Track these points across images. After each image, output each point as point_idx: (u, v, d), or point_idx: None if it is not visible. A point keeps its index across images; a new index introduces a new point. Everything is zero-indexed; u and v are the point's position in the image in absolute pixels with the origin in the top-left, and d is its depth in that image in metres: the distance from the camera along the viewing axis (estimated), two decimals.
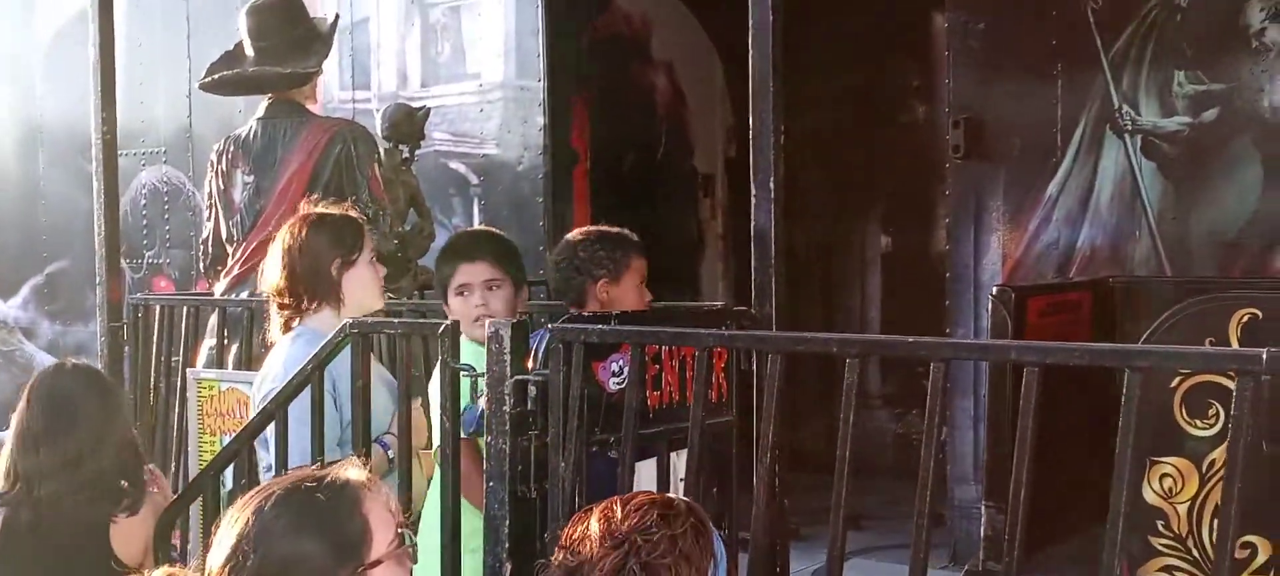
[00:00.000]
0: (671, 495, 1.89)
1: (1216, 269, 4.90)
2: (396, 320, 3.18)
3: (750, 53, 3.36)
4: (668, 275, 6.61)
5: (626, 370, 2.70)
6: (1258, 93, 4.82)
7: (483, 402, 2.91)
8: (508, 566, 2.74)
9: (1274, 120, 4.79)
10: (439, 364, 3.03)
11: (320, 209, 3.41)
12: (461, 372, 2.90)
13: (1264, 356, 1.87)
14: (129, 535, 3.13)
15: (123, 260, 7.18)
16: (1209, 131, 4.91)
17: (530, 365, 2.78)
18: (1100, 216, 5.17)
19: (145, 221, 7.71)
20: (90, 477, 3.09)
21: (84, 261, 6.59)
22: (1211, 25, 4.88)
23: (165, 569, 1.88)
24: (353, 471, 1.97)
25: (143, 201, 7.71)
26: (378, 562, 1.89)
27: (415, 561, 2.03)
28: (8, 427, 3.20)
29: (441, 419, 2.89)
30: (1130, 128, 5.08)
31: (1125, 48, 5.07)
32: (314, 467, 2.05)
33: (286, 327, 3.27)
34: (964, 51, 5.45)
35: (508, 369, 2.73)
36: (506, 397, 2.74)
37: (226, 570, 1.84)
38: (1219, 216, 4.91)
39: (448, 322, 2.91)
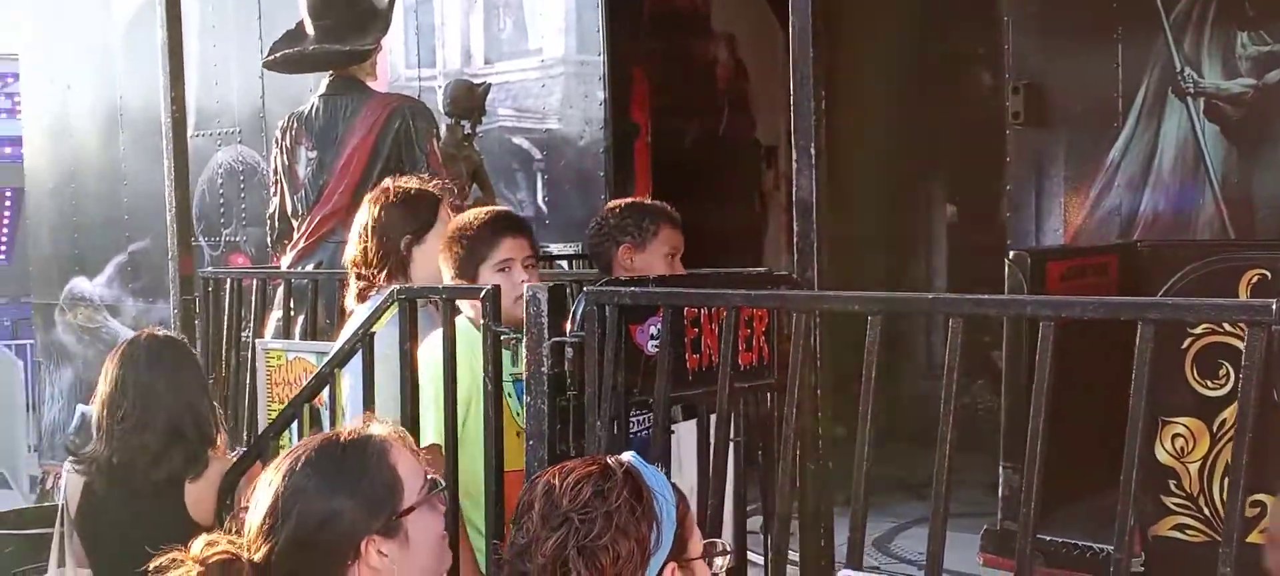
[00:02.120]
0: (611, 460, 1.92)
1: None
2: (441, 286, 3.25)
3: (790, 19, 3.37)
4: (732, 246, 6.65)
5: None
6: None
7: None
8: None
9: None
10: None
11: (400, 182, 3.51)
12: (503, 338, 2.97)
13: (1274, 306, 1.87)
14: (201, 497, 3.28)
15: (201, 238, 7.38)
16: (1273, 93, 4.82)
17: (568, 328, 2.85)
18: (1163, 181, 5.10)
19: (222, 200, 7.91)
20: (170, 449, 3.26)
21: (164, 240, 6.75)
22: None
23: (205, 536, 1.97)
24: (376, 426, 2.05)
25: (219, 181, 7.90)
26: (410, 510, 1.97)
27: (445, 506, 2.11)
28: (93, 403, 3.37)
29: (484, 381, 2.96)
30: (1192, 91, 5.00)
31: (1187, 9, 4.99)
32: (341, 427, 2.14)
33: (361, 297, 3.41)
34: (1023, 16, 5.40)
35: (545, 331, 2.80)
36: (544, 359, 2.81)
37: (264, 531, 1.93)
38: None
39: (489, 287, 2.98)
